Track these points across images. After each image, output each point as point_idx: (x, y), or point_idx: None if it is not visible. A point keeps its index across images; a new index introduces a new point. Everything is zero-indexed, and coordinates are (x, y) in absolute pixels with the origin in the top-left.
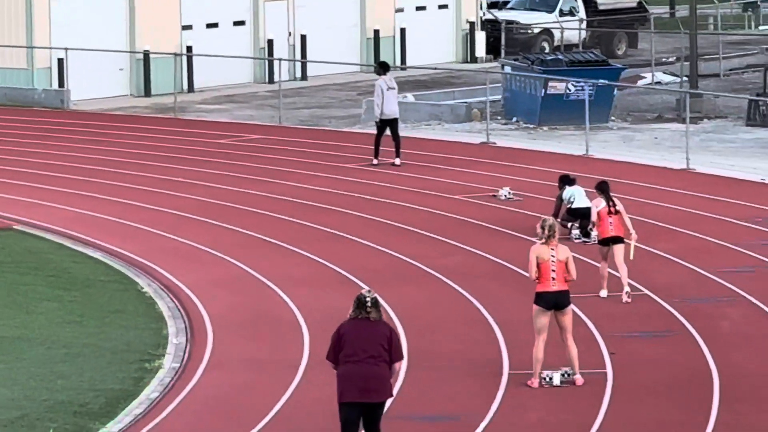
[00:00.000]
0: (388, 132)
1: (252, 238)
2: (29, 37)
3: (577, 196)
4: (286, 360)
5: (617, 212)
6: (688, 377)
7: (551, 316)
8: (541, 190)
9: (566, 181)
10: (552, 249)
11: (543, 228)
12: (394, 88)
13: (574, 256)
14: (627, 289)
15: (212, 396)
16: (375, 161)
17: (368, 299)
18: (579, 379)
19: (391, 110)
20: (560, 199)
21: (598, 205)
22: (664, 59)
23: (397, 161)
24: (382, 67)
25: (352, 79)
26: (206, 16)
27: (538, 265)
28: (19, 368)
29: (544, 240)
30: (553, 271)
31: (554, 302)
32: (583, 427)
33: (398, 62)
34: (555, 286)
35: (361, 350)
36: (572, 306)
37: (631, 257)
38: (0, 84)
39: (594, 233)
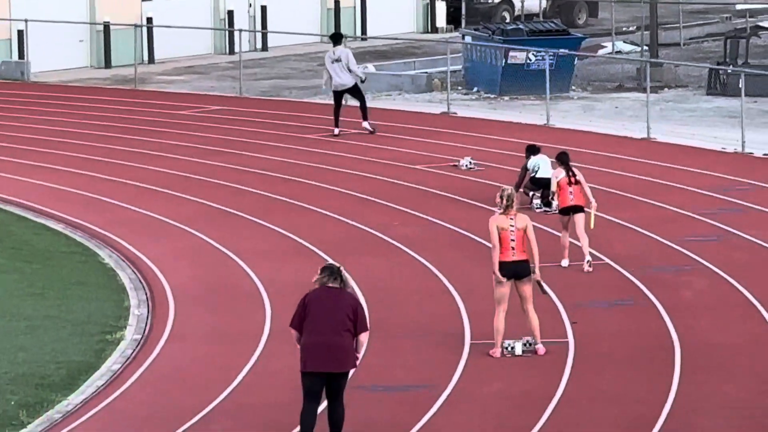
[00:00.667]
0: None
1: (213, 210)
2: None
3: (542, 165)
4: (248, 331)
5: (577, 182)
6: (650, 347)
7: (511, 285)
8: (502, 159)
9: (532, 150)
10: (511, 218)
11: (502, 198)
12: (339, 60)
13: (535, 227)
14: (588, 258)
15: (174, 367)
16: (336, 131)
17: (335, 267)
18: (541, 348)
19: (339, 82)
20: (525, 169)
21: (558, 175)
22: (624, 28)
23: (365, 124)
24: (332, 39)
25: (313, 50)
26: None
27: (498, 235)
28: None
29: (502, 210)
30: (512, 240)
31: (513, 272)
32: (545, 396)
33: (359, 33)
34: (514, 256)
35: (325, 320)
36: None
37: (592, 226)
38: None
39: (555, 203)
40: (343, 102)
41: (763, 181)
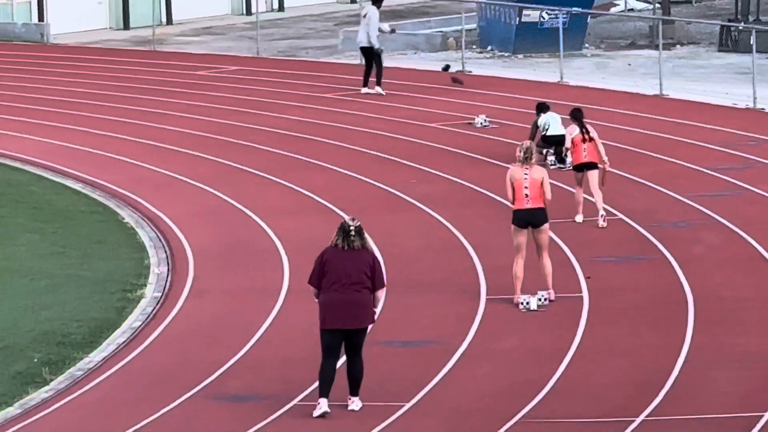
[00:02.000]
0: None
1: (232, 169)
2: None
3: (552, 123)
4: (267, 288)
5: (591, 139)
6: (663, 301)
7: (528, 234)
8: (516, 117)
9: (542, 107)
10: (526, 169)
11: (521, 151)
12: (364, 17)
13: (553, 185)
14: (602, 213)
15: (194, 324)
16: (363, 90)
17: (352, 227)
18: (552, 293)
19: (358, 39)
20: (535, 126)
21: (572, 132)
22: None
23: (378, 89)
24: None
25: (329, 10)
26: None
27: (513, 185)
28: (3, 300)
29: (520, 162)
30: (526, 188)
31: (527, 220)
32: (560, 350)
33: None
34: (529, 204)
35: (344, 277)
36: (549, 231)
37: (603, 184)
38: None
39: (569, 159)
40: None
41: None
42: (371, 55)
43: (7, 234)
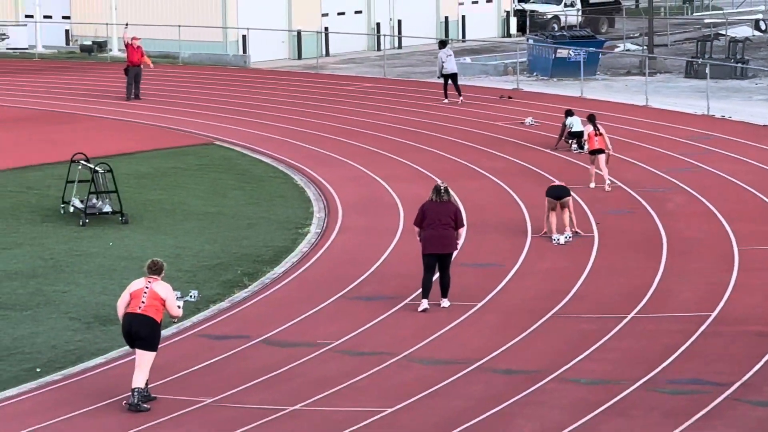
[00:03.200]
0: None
1: (367, 150)
2: (224, 20)
3: (575, 123)
4: (389, 227)
5: (600, 134)
6: (646, 239)
7: (555, 203)
8: (552, 119)
9: (568, 112)
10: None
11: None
12: (450, 55)
13: (573, 162)
14: (608, 182)
15: (341, 250)
16: (445, 100)
17: (442, 187)
18: (578, 232)
19: (450, 68)
20: (564, 125)
21: (588, 129)
22: (631, 35)
23: (460, 99)
24: (440, 44)
25: (430, 48)
26: (337, 7)
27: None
28: (219, 233)
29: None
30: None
31: (557, 194)
32: (579, 270)
33: (460, 37)
34: (555, 182)
35: (437, 220)
36: (572, 196)
37: (607, 163)
38: (205, 51)
39: (585, 147)
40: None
41: (720, 134)
42: (452, 77)
43: (221, 190)
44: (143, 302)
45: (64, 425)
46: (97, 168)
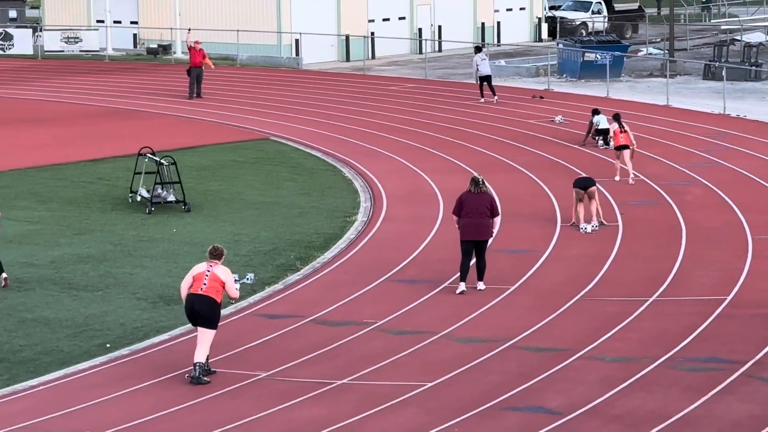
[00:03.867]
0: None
1: (409, 145)
2: (278, 25)
3: (601, 121)
4: (429, 216)
5: (625, 131)
6: (667, 228)
7: (583, 193)
8: (580, 117)
9: (595, 111)
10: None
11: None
12: (485, 59)
13: (600, 158)
14: (632, 175)
15: (387, 237)
16: (481, 100)
17: (479, 179)
18: (603, 222)
19: (484, 71)
20: (591, 123)
21: (613, 127)
22: (653, 40)
23: (495, 99)
24: (476, 49)
25: (468, 52)
26: (382, 13)
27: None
28: (273, 220)
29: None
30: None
31: (583, 184)
32: (605, 256)
33: (496, 41)
34: (582, 174)
35: (474, 209)
36: (597, 186)
37: (632, 158)
38: (261, 54)
39: (611, 143)
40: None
41: (735, 131)
42: (487, 79)
43: (276, 181)
44: (205, 284)
45: (131, 396)
46: (162, 161)
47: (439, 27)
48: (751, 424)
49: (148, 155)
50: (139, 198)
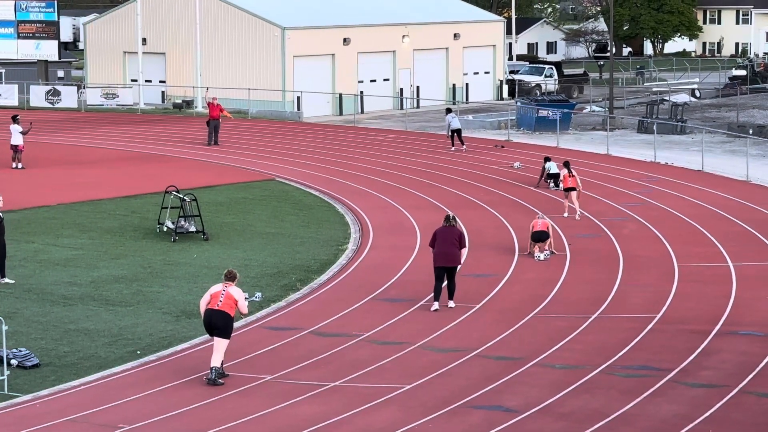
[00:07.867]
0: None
1: (391, 186)
2: (283, 85)
3: (552, 166)
4: (409, 245)
5: (573, 175)
6: (607, 256)
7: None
8: (535, 163)
9: (547, 158)
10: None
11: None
12: (455, 117)
13: (551, 198)
14: (579, 212)
15: (373, 263)
16: (452, 148)
17: (450, 215)
18: (554, 251)
19: (455, 126)
20: (544, 168)
21: (563, 171)
22: (596, 99)
23: (464, 148)
24: (447, 111)
25: (441, 109)
26: (370, 75)
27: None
28: (278, 248)
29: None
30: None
31: (538, 237)
32: (555, 280)
33: (465, 99)
34: (538, 227)
35: (445, 241)
36: (550, 224)
37: (578, 198)
38: (268, 108)
39: (561, 185)
40: (455, 135)
41: (664, 176)
42: (458, 132)
43: (279, 216)
44: (221, 301)
45: (157, 395)
46: (185, 197)
47: (418, 87)
48: (677, 422)
49: (174, 193)
50: (165, 228)
